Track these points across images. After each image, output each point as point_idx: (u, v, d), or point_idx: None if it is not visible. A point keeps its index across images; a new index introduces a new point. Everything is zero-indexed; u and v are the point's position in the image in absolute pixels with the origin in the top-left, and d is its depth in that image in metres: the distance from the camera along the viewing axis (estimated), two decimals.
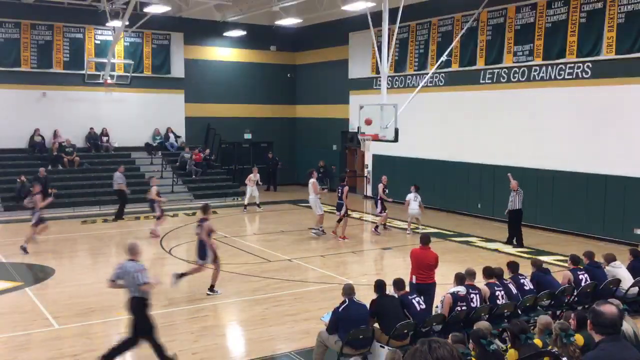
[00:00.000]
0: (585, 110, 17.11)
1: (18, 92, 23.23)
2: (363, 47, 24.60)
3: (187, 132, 26.71)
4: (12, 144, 23.20)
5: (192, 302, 11.24)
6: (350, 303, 7.94)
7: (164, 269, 14.21)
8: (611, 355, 3.82)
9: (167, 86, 26.09)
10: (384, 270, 14.15)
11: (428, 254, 9.82)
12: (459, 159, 20.85)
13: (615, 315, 3.91)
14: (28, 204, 16.01)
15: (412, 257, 9.95)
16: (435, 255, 9.87)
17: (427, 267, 9.72)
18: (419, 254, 9.87)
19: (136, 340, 8.01)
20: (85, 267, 14.29)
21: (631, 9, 15.93)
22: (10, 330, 9.59)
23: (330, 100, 27.08)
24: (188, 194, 23.89)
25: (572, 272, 10.17)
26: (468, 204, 20.52)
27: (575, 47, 17.24)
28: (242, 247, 16.02)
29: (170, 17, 24.79)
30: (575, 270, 10.21)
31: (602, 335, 3.92)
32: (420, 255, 9.84)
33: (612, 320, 3.89)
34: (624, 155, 16.16)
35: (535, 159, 18.40)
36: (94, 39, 24.59)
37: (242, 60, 28.06)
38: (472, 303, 8.63)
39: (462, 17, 20.58)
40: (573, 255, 10.73)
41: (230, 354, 9.05)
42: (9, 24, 23.02)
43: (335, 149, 27.19)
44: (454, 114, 21.03)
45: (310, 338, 8.71)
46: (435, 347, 2.75)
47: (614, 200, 16.41)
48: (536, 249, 15.66)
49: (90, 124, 24.60)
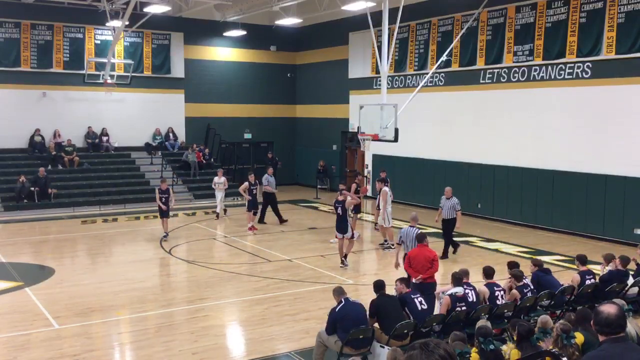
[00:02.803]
0: (585, 110, 17.10)
1: (18, 92, 23.23)
2: (363, 47, 24.61)
3: (187, 132, 26.72)
4: (12, 144, 23.20)
5: (192, 302, 11.24)
6: (346, 303, 7.94)
7: (164, 269, 14.23)
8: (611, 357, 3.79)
9: (167, 86, 26.09)
10: (384, 270, 14.14)
11: (424, 251, 9.87)
12: (459, 159, 20.85)
13: (616, 315, 3.87)
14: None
15: (408, 259, 9.97)
16: (433, 252, 9.95)
17: (425, 262, 9.71)
18: (417, 252, 9.92)
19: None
20: (85, 267, 14.29)
21: (631, 9, 15.93)
22: (10, 330, 9.58)
23: (330, 100, 27.08)
24: (188, 194, 23.90)
25: (580, 275, 10.12)
26: (468, 204, 20.49)
27: (575, 47, 17.24)
28: (242, 247, 16.02)
29: (170, 17, 24.79)
30: (584, 273, 10.17)
31: (605, 336, 3.90)
32: (418, 253, 9.88)
33: (612, 320, 3.86)
34: (624, 155, 16.16)
35: (535, 159, 18.39)
36: (94, 39, 24.59)
37: (242, 60, 28.06)
38: (470, 298, 8.73)
39: (462, 17, 20.57)
40: (580, 256, 10.63)
41: (230, 354, 9.05)
42: (9, 24, 23.01)
43: (335, 149, 27.19)
44: (453, 114, 21.03)
45: (310, 338, 8.71)
46: (430, 350, 2.74)
47: (614, 200, 16.40)
48: (536, 249, 15.66)
49: (90, 124, 24.60)
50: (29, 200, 20.89)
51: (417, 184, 21.75)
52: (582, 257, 10.55)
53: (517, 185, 18.93)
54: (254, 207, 17.83)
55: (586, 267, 10.39)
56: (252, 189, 17.86)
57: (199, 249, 16.03)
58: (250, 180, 18.03)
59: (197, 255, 15.02)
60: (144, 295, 11.64)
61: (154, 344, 9.03)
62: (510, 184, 19.15)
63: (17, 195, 20.75)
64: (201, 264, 14.05)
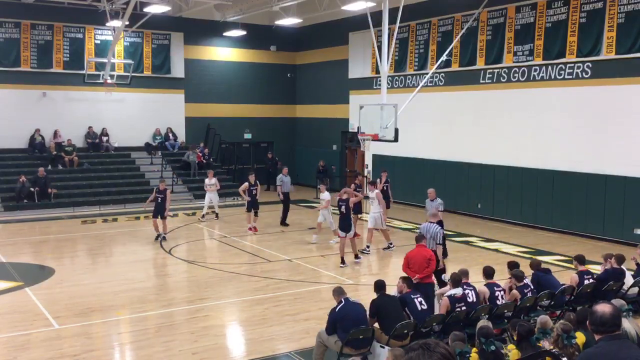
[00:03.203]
0: (585, 110, 17.10)
1: (18, 92, 23.23)
2: (363, 47, 24.61)
3: (187, 132, 26.72)
4: (12, 144, 23.20)
5: (192, 302, 11.24)
6: (346, 303, 7.94)
7: (164, 269, 14.23)
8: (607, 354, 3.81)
9: (167, 86, 26.10)
10: (383, 270, 14.15)
11: (422, 251, 9.95)
12: (459, 159, 20.85)
13: (610, 314, 3.91)
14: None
15: (406, 260, 10.01)
16: (430, 252, 10.03)
17: (422, 262, 9.74)
18: (415, 253, 9.97)
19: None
20: (85, 267, 14.28)
21: (631, 9, 15.93)
22: (10, 330, 9.58)
23: (330, 100, 27.08)
24: (188, 194, 23.90)
25: (578, 275, 10.13)
26: (468, 204, 20.53)
27: (575, 47, 17.24)
28: (242, 247, 16.01)
29: (170, 17, 24.79)
30: (583, 274, 10.18)
31: (600, 335, 3.93)
32: (416, 253, 9.93)
33: (607, 319, 3.89)
34: (624, 155, 16.16)
35: (535, 159, 18.39)
36: (94, 39, 24.59)
37: (242, 60, 28.06)
38: (469, 298, 8.73)
39: (462, 17, 20.57)
40: (579, 256, 10.63)
41: (230, 354, 9.05)
42: (9, 24, 23.01)
43: (335, 149, 27.19)
44: (453, 114, 21.02)
45: (310, 338, 8.71)
46: (432, 350, 2.77)
47: (614, 200, 16.40)
48: (536, 249, 15.66)
49: (90, 124, 24.60)
50: (29, 200, 20.89)
51: (417, 184, 21.71)
52: (580, 257, 10.55)
53: (517, 185, 18.93)
54: (253, 207, 17.79)
55: (585, 267, 10.40)
56: (252, 189, 17.77)
57: (199, 249, 16.03)
58: (250, 180, 17.95)
59: (197, 255, 15.03)
60: (144, 295, 11.64)
61: (154, 344, 9.04)
62: (510, 184, 19.15)
63: (17, 195, 20.75)
64: (201, 264, 14.05)
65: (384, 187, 17.46)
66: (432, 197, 15.09)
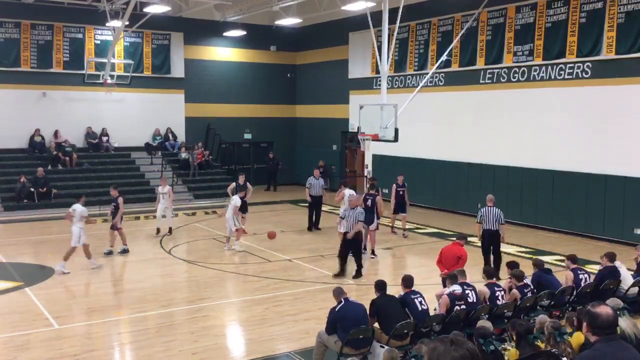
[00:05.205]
0: (585, 110, 17.10)
1: (18, 92, 23.23)
2: (363, 47, 24.61)
3: (187, 132, 26.72)
4: (12, 144, 23.20)
5: (192, 302, 11.24)
6: (345, 303, 7.95)
7: (164, 269, 14.22)
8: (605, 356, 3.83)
9: (167, 86, 26.09)
10: (383, 270, 14.15)
11: (454, 249, 10.55)
12: (459, 159, 20.85)
13: (611, 316, 3.92)
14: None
15: (441, 254, 10.73)
16: (462, 251, 10.58)
17: (453, 259, 10.32)
18: (449, 249, 10.69)
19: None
20: (86, 267, 14.27)
21: (631, 9, 15.93)
22: (10, 330, 9.58)
23: (330, 100, 27.08)
24: (188, 194, 23.90)
25: (573, 272, 10.20)
26: (468, 204, 20.50)
27: (575, 47, 17.24)
28: (242, 247, 15.99)
29: (170, 17, 24.79)
30: (576, 270, 10.24)
31: (597, 337, 3.94)
32: (450, 249, 10.64)
33: (607, 322, 3.90)
34: (624, 155, 16.16)
35: (535, 159, 18.39)
36: (94, 39, 24.59)
37: (242, 60, 28.06)
38: (470, 299, 8.75)
39: (462, 17, 20.57)
40: (571, 255, 10.81)
41: (230, 354, 9.05)
42: (9, 24, 23.01)
43: (335, 149, 27.19)
44: (453, 114, 21.02)
45: (310, 338, 8.71)
46: (459, 345, 2.84)
47: (614, 200, 16.40)
48: (536, 249, 15.65)
49: (90, 124, 24.60)
50: (29, 200, 20.88)
51: (417, 184, 21.70)
52: (572, 256, 10.76)
53: (517, 185, 18.93)
54: (241, 209, 17.04)
55: (576, 265, 10.48)
56: (243, 190, 16.82)
57: (199, 249, 16.03)
58: (239, 181, 17.30)
59: (197, 255, 15.02)
60: (144, 295, 11.64)
61: (154, 344, 9.04)
62: (510, 184, 19.14)
63: (17, 195, 20.76)
64: (201, 264, 14.05)
65: (399, 190, 17.33)
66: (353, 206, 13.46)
